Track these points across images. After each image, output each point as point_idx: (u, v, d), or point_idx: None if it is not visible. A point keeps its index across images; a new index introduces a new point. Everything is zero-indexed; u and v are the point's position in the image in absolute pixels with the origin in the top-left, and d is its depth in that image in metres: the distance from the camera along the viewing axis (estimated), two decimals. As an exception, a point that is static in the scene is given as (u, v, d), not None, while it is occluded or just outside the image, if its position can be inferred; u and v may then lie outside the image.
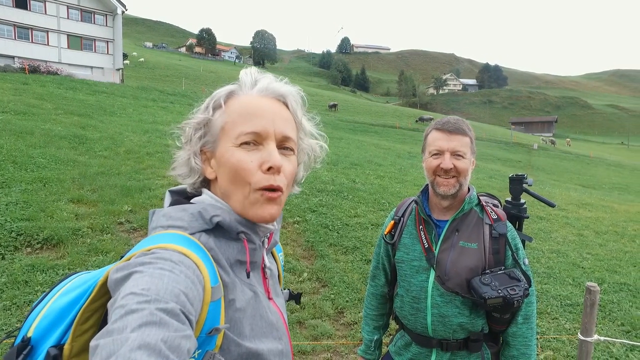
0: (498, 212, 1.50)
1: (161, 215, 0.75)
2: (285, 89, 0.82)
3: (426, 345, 1.48)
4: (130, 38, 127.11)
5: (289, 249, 5.05)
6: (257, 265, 0.82)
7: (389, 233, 1.60)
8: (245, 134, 0.75)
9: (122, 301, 0.54)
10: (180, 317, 0.55)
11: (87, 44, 31.68)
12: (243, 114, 0.76)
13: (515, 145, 38.09)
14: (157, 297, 0.55)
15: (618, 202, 11.89)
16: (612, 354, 3.51)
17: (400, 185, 9.20)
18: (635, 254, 6.32)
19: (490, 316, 1.45)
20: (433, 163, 1.44)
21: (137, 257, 0.63)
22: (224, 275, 0.72)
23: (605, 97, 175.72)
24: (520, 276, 1.37)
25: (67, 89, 17.79)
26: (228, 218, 0.74)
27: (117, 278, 0.60)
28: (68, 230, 4.49)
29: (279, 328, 0.81)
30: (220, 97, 0.79)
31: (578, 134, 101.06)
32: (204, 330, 0.65)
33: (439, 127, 1.46)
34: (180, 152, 0.82)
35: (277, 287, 0.92)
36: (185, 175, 0.81)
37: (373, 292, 1.73)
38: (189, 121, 0.81)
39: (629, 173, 27.84)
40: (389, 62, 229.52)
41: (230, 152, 0.75)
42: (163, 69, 57.85)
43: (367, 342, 1.73)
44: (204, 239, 0.72)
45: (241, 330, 0.72)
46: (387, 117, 46.11)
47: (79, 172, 6.53)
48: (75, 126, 10.33)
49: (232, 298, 0.72)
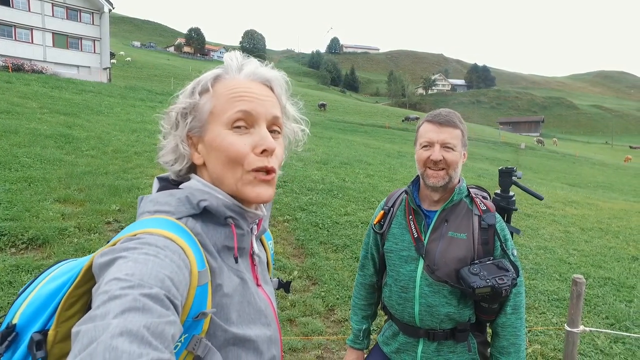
0: (487, 204, 1.51)
1: (148, 200, 0.75)
2: (271, 74, 0.82)
3: (413, 335, 1.49)
4: (117, 37, 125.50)
5: (279, 247, 5.04)
6: (245, 251, 0.82)
7: (378, 223, 1.60)
8: (237, 114, 0.75)
9: (106, 287, 0.53)
10: (165, 302, 0.54)
11: (73, 43, 31.17)
12: (233, 97, 0.76)
13: (503, 144, 38.57)
14: (141, 282, 0.54)
15: (602, 199, 12.11)
16: (597, 345, 3.58)
17: (390, 183, 9.25)
18: (618, 249, 6.45)
19: (478, 306, 1.46)
20: (423, 155, 1.45)
21: (122, 242, 0.62)
22: (211, 260, 0.71)
23: (589, 98, 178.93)
24: (509, 266, 1.39)
25: (53, 88, 17.49)
26: (215, 203, 0.74)
27: (101, 263, 0.60)
28: (54, 230, 4.42)
29: (268, 315, 0.81)
30: (207, 81, 0.78)
31: (564, 133, 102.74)
32: (191, 314, 0.64)
33: (430, 119, 1.47)
34: (166, 139, 0.81)
35: (266, 275, 0.92)
36: (172, 162, 0.80)
37: (362, 282, 1.74)
38: (174, 106, 0.80)
39: (612, 172, 28.39)
40: (378, 63, 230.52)
41: (222, 135, 0.75)
42: (151, 68, 57.24)
43: (355, 331, 1.74)
44: (190, 223, 0.72)
45: (228, 316, 0.72)
46: (377, 117, 46.28)
47: (65, 172, 6.43)
48: (62, 125, 10.16)
49: (219, 283, 0.71)
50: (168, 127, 0.81)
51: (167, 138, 0.81)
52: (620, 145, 73.91)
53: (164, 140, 0.82)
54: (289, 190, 7.22)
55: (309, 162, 10.65)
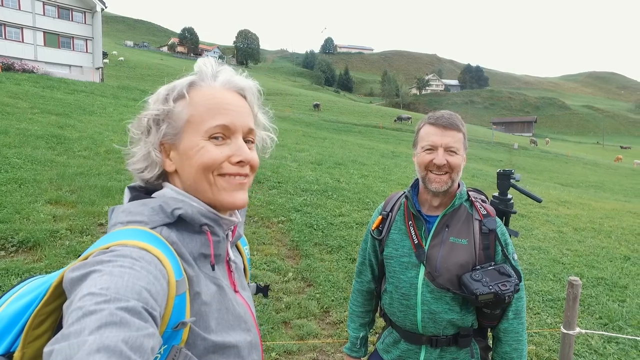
0: (487, 208, 1.50)
1: (120, 211, 0.73)
2: (245, 83, 0.83)
3: (415, 342, 1.46)
4: (110, 37, 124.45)
5: (274, 248, 5.01)
6: (221, 258, 0.82)
7: (377, 228, 1.57)
8: (215, 128, 0.75)
9: (80, 302, 0.51)
10: (143, 314, 0.53)
11: (64, 42, 30.85)
12: (211, 108, 0.76)
13: (497, 144, 38.78)
14: (117, 295, 0.53)
15: (594, 199, 12.22)
16: (591, 346, 3.59)
17: (384, 184, 9.25)
18: (611, 249, 6.50)
19: (480, 312, 1.44)
20: (426, 158, 1.41)
21: (95, 256, 0.60)
22: (188, 268, 0.70)
23: (581, 98, 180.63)
24: (511, 271, 1.37)
25: (44, 88, 17.30)
26: (190, 210, 0.73)
27: (73, 278, 0.57)
28: (45, 232, 4.35)
29: (247, 320, 0.81)
30: (182, 87, 0.77)
31: (556, 133, 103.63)
32: (170, 324, 0.63)
33: (433, 121, 1.43)
34: (137, 146, 0.79)
35: (244, 280, 0.92)
36: (143, 169, 0.79)
37: (359, 289, 1.70)
38: (146, 112, 0.79)
39: (603, 171, 28.68)
40: (372, 63, 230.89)
41: (199, 145, 0.75)
42: (144, 68, 56.86)
43: (353, 339, 1.70)
44: (165, 232, 0.71)
45: (207, 324, 0.71)
46: (371, 117, 46.35)
47: (57, 173, 6.35)
48: (53, 126, 10.04)
49: (197, 291, 0.71)
50: (139, 134, 0.79)
51: (137, 145, 0.80)
52: (611, 145, 74.68)
53: (133, 146, 0.80)
54: (284, 191, 7.19)
55: (303, 163, 10.62)
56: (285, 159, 10.76)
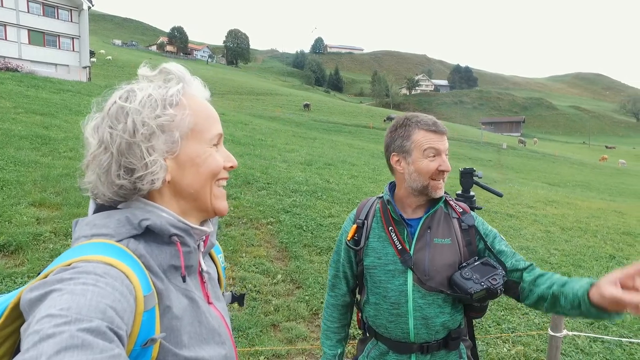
0: (461, 205, 1.50)
1: (84, 224, 0.70)
2: (208, 92, 0.86)
3: (405, 352, 1.42)
4: (97, 35, 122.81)
5: (263, 250, 4.98)
6: (193, 269, 0.79)
7: (352, 238, 1.50)
8: (217, 136, 0.79)
9: (37, 326, 0.48)
10: (107, 334, 0.50)
11: (50, 40, 30.29)
12: (209, 116, 0.79)
13: (486, 144, 39.16)
14: (79, 316, 0.49)
15: (581, 199, 12.40)
16: (578, 345, 3.63)
17: (374, 184, 9.26)
18: (597, 248, 6.59)
19: (469, 306, 1.45)
20: (431, 166, 1.37)
21: (55, 274, 0.57)
22: (157, 282, 0.68)
23: (568, 99, 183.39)
24: (495, 263, 1.37)
25: (29, 87, 16.98)
26: (159, 221, 0.70)
27: (31, 298, 0.54)
28: (28, 235, 4.26)
29: (222, 333, 0.78)
30: (178, 94, 0.75)
31: (544, 133, 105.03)
32: (139, 342, 0.60)
33: (429, 128, 1.39)
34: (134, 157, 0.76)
35: (218, 291, 0.89)
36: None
37: (334, 303, 1.62)
38: (138, 118, 0.73)
39: (590, 171, 29.15)
40: (362, 63, 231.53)
41: (207, 152, 0.77)
42: (133, 67, 55.47)
43: (329, 357, 1.61)
44: (132, 245, 0.67)
45: (179, 339, 0.68)
46: (361, 117, 46.45)
47: (41, 174, 6.22)
48: (38, 126, 9.85)
49: (167, 305, 0.68)
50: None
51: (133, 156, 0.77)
52: (596, 145, 75.96)
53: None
54: (273, 192, 7.15)
55: (293, 163, 10.59)
56: (274, 160, 10.72)
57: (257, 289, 4.08)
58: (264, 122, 24.70)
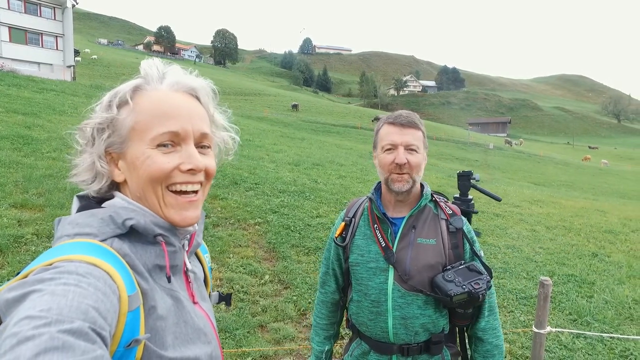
0: (452, 207, 1.48)
1: (67, 223, 0.68)
2: (196, 83, 0.77)
3: (386, 352, 1.42)
4: (82, 34, 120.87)
5: (250, 251, 4.95)
6: (178, 269, 0.77)
7: (340, 235, 1.51)
8: (162, 135, 0.70)
9: (15, 328, 0.46)
10: (89, 335, 0.49)
11: (32, 38, 29.64)
12: (157, 113, 0.71)
13: (473, 145, 39.62)
14: (60, 317, 0.48)
15: (565, 198, 12.61)
16: (561, 341, 3.69)
17: (362, 185, 9.29)
18: (580, 247, 6.71)
19: (453, 312, 1.43)
20: (387, 158, 1.38)
21: (35, 274, 0.55)
22: (142, 282, 0.66)
23: (552, 100, 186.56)
24: (481, 269, 1.37)
25: (10, 86, 16.60)
26: (143, 220, 0.69)
27: (9, 299, 0.52)
28: (9, 237, 4.16)
29: (207, 332, 0.77)
30: (125, 92, 0.73)
31: (529, 134, 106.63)
32: (122, 343, 0.59)
33: (391, 121, 1.41)
34: (81, 156, 0.75)
35: (204, 291, 0.88)
36: (90, 180, 0.75)
37: (323, 300, 1.64)
38: (89, 121, 0.74)
39: (574, 170, 29.71)
40: (350, 63, 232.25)
41: (145, 154, 0.70)
42: (119, 67, 55.39)
43: (317, 353, 1.62)
44: (116, 245, 0.66)
45: (163, 340, 0.67)
46: (349, 117, 46.58)
47: (23, 175, 6.09)
48: (20, 126, 9.64)
49: (152, 305, 0.66)
50: (83, 143, 0.75)
51: (82, 155, 0.75)
52: (580, 145, 77.42)
53: (78, 157, 0.76)
54: (260, 193, 7.12)
55: (281, 164, 10.56)
56: (262, 160, 10.67)
57: (244, 289, 4.06)
58: (252, 122, 24.57)
